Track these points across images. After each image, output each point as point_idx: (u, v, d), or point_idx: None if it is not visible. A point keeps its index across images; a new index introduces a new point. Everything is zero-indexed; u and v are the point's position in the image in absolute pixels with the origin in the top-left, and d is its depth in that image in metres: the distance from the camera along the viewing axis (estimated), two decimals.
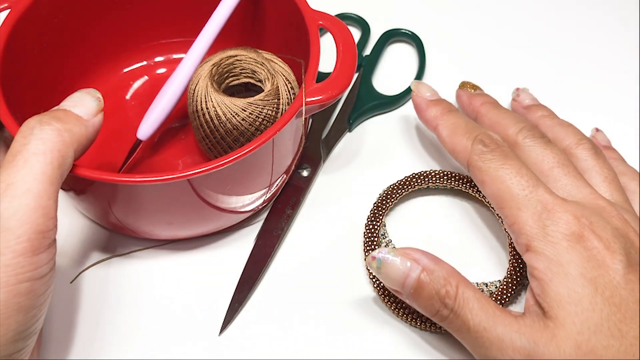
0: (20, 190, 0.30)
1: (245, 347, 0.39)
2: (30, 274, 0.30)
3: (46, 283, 0.31)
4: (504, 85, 0.52)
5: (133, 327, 0.40)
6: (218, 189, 0.38)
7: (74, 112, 0.33)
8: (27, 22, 0.40)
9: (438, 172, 0.45)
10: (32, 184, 0.30)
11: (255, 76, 0.42)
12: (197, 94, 0.40)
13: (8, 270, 0.29)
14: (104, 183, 0.35)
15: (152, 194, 0.37)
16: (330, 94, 0.39)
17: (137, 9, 0.47)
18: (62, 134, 0.32)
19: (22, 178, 0.30)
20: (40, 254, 0.30)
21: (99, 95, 0.35)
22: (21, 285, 0.30)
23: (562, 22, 0.57)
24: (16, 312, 0.30)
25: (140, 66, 0.50)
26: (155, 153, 0.46)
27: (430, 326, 0.39)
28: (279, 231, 0.43)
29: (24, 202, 0.30)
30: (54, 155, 0.31)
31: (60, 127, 0.32)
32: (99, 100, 0.35)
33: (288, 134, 0.39)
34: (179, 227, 0.41)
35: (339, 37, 0.41)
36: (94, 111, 0.34)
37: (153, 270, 0.42)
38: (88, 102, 0.34)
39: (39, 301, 0.31)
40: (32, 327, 0.32)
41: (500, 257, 0.43)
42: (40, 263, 0.30)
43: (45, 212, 0.30)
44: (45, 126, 0.31)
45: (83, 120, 0.33)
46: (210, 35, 0.43)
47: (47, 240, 0.31)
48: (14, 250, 0.29)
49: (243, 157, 0.35)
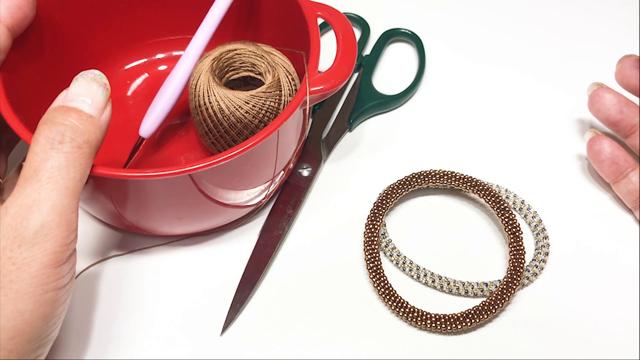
0: (46, 206, 0.30)
1: (247, 347, 0.39)
2: (54, 284, 0.31)
3: (67, 292, 0.32)
4: (504, 86, 0.53)
5: (133, 326, 0.40)
6: (227, 181, 0.38)
7: (86, 113, 0.32)
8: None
9: (438, 172, 0.45)
10: (57, 200, 0.30)
11: (255, 69, 0.42)
12: (198, 88, 0.40)
13: (34, 282, 0.30)
14: (112, 179, 0.35)
15: (161, 189, 0.37)
16: (333, 82, 0.39)
17: (137, 6, 0.47)
18: (81, 147, 0.31)
19: (47, 194, 0.30)
20: (64, 264, 0.31)
21: (105, 80, 0.34)
22: (46, 295, 0.30)
23: (563, 22, 0.57)
24: (41, 321, 0.31)
25: (140, 63, 0.50)
26: (156, 150, 0.46)
27: (431, 326, 0.39)
28: (280, 231, 0.43)
29: (50, 219, 0.30)
30: (77, 170, 0.31)
31: (79, 139, 0.31)
32: (106, 89, 0.34)
33: (292, 123, 0.40)
34: (187, 222, 0.41)
35: (338, 27, 0.41)
36: (103, 103, 0.33)
37: (153, 270, 0.42)
38: (97, 95, 0.33)
39: (60, 309, 0.32)
40: (52, 334, 0.32)
41: (500, 257, 0.43)
42: (63, 273, 0.31)
43: (69, 225, 0.31)
44: (66, 140, 0.31)
45: (96, 121, 0.33)
46: (208, 30, 0.43)
47: (69, 251, 0.31)
48: (40, 262, 0.30)
49: (257, 144, 0.35)
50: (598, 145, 0.44)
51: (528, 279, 0.42)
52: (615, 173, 0.44)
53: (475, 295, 0.41)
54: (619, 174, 0.44)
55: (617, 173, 0.44)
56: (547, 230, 0.44)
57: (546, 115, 0.51)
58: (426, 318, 0.40)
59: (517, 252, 0.41)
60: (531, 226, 0.44)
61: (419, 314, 0.40)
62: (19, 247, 0.30)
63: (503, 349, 0.39)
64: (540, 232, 0.44)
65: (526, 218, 0.45)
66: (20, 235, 0.30)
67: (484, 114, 0.51)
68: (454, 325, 0.39)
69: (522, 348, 0.39)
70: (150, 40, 0.50)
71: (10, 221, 0.30)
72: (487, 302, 0.40)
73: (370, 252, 0.42)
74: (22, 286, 0.30)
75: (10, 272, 0.29)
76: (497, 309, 0.40)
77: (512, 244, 0.42)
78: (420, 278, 0.42)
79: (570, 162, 0.48)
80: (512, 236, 0.42)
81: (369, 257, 0.42)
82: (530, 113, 0.51)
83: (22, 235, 0.30)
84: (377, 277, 0.41)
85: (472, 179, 0.44)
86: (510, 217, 0.43)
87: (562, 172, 0.47)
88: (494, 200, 0.43)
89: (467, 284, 0.41)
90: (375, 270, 0.41)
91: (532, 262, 0.42)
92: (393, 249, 0.43)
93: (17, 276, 0.29)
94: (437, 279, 0.42)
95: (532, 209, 0.45)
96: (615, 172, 0.44)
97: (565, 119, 0.50)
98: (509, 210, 0.43)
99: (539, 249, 0.43)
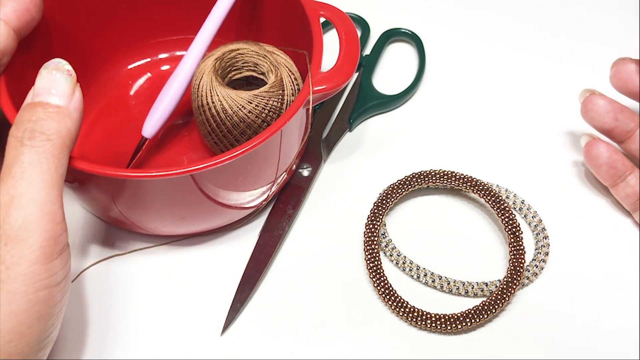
0: (24, 201, 0.30)
1: (247, 347, 0.39)
2: (46, 281, 0.30)
3: (62, 290, 0.32)
4: (504, 86, 0.53)
5: (134, 326, 0.40)
6: (230, 181, 0.38)
7: (52, 104, 0.32)
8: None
9: (438, 172, 0.45)
10: (35, 194, 0.30)
11: (258, 69, 0.42)
12: (201, 88, 0.41)
13: (25, 279, 0.29)
14: (115, 179, 0.35)
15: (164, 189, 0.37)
16: (336, 82, 0.39)
17: (140, 6, 0.47)
18: (51, 139, 0.31)
19: (24, 189, 0.30)
20: (54, 260, 0.31)
21: (67, 66, 0.33)
22: (39, 294, 0.30)
23: (564, 25, 0.57)
24: (37, 321, 0.30)
25: (143, 63, 0.50)
26: (159, 151, 0.46)
27: (431, 326, 0.40)
28: (280, 231, 0.43)
29: (30, 212, 0.30)
30: (50, 161, 0.31)
31: (47, 131, 0.31)
32: (70, 75, 0.33)
33: (295, 123, 0.40)
34: (190, 222, 0.41)
35: (341, 26, 0.42)
36: (69, 90, 0.33)
37: (153, 270, 0.42)
38: (61, 83, 0.32)
39: (56, 309, 0.32)
40: (51, 336, 0.32)
41: (500, 257, 0.43)
42: (55, 270, 0.31)
43: (52, 217, 0.30)
44: (35, 136, 0.31)
45: (64, 110, 0.32)
46: (210, 30, 0.43)
47: (59, 246, 0.31)
48: (28, 259, 0.29)
49: (261, 143, 0.35)
50: (595, 149, 0.44)
51: (528, 279, 0.42)
52: (613, 177, 0.44)
53: (475, 295, 0.41)
54: (617, 177, 0.44)
55: (615, 177, 0.44)
56: (547, 230, 0.44)
57: (546, 115, 0.51)
58: (426, 318, 0.40)
59: (517, 252, 0.42)
60: (531, 226, 0.44)
61: (419, 314, 0.40)
62: (6, 245, 0.29)
63: (503, 349, 0.39)
64: (540, 232, 0.44)
65: (526, 218, 0.45)
66: (4, 234, 0.29)
67: (484, 114, 0.51)
68: (454, 325, 0.39)
69: (522, 348, 0.39)
70: (153, 40, 0.50)
71: None
72: (487, 302, 0.40)
73: (370, 252, 0.42)
74: (13, 286, 0.29)
75: (0, 272, 0.29)
76: (497, 309, 0.40)
77: (512, 244, 0.42)
78: (420, 278, 0.42)
79: (571, 162, 0.48)
80: (512, 236, 0.42)
81: (369, 257, 0.42)
82: (531, 113, 0.51)
83: (6, 233, 0.29)
84: (377, 277, 0.41)
85: (472, 179, 0.45)
86: (510, 217, 0.43)
87: (562, 172, 0.48)
88: (494, 200, 0.44)
89: (467, 284, 0.41)
90: (375, 270, 0.41)
91: (532, 262, 0.42)
92: (393, 249, 0.43)
93: (7, 276, 0.29)
94: (437, 279, 0.42)
95: (532, 209, 0.45)
96: (614, 176, 0.44)
97: (565, 119, 0.50)
98: (509, 210, 0.43)
99: (539, 249, 0.43)
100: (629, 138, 0.44)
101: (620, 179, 0.44)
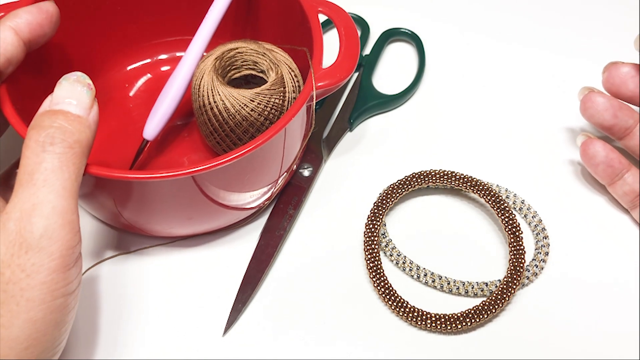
0: (46, 209, 0.30)
1: (249, 348, 0.39)
2: (63, 290, 0.30)
3: (75, 298, 0.32)
4: (504, 86, 0.53)
5: (135, 327, 0.40)
6: (233, 181, 0.38)
7: (73, 114, 0.32)
8: None
9: (438, 171, 0.45)
10: (56, 202, 0.30)
11: (257, 67, 0.43)
12: (202, 88, 0.41)
13: (44, 288, 0.30)
14: (118, 181, 0.35)
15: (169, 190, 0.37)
16: (338, 77, 0.39)
17: (139, 7, 0.47)
18: (73, 147, 0.31)
19: (45, 197, 0.30)
20: (71, 269, 0.31)
21: (88, 80, 0.34)
22: (56, 302, 0.30)
23: (564, 23, 0.57)
24: (53, 328, 0.30)
25: (143, 64, 0.50)
26: (159, 152, 0.46)
27: (431, 326, 0.40)
28: (282, 231, 0.44)
29: (52, 221, 0.30)
30: (71, 170, 0.31)
31: (69, 139, 0.31)
32: (90, 88, 0.34)
33: (298, 120, 0.40)
34: (193, 223, 0.41)
35: (340, 22, 0.42)
36: (89, 103, 0.33)
37: (155, 271, 0.42)
38: (82, 95, 0.33)
39: (70, 316, 0.32)
40: (62, 342, 0.32)
41: (500, 257, 0.43)
42: (71, 278, 0.31)
43: (72, 227, 0.31)
44: (57, 142, 0.31)
45: (84, 120, 0.33)
46: (208, 29, 0.43)
47: (75, 255, 0.31)
48: (48, 267, 0.30)
49: (268, 140, 0.35)
50: (592, 149, 0.44)
51: (528, 279, 0.42)
52: (610, 176, 0.44)
53: (475, 295, 0.42)
54: (615, 176, 0.44)
55: (612, 176, 0.44)
56: (547, 230, 0.44)
57: (546, 115, 0.51)
58: (426, 318, 0.40)
59: (517, 252, 0.42)
60: (531, 226, 0.44)
61: (419, 313, 0.40)
62: (26, 253, 0.29)
63: (503, 349, 0.39)
64: (540, 232, 0.44)
65: (526, 218, 0.45)
66: (26, 241, 0.29)
67: (484, 114, 0.51)
68: (454, 325, 0.40)
69: (522, 348, 0.40)
70: (152, 41, 0.50)
71: (14, 227, 0.29)
72: (487, 302, 0.40)
73: (370, 252, 0.42)
74: (32, 294, 0.29)
75: (20, 279, 0.29)
76: (497, 309, 0.40)
77: (512, 244, 0.42)
78: (420, 278, 0.42)
79: (571, 162, 0.48)
80: (512, 236, 0.42)
81: (369, 257, 0.42)
82: (530, 113, 0.51)
83: (27, 241, 0.29)
84: (377, 277, 0.41)
85: (472, 179, 0.45)
86: (510, 217, 0.43)
87: (562, 172, 0.48)
88: (494, 200, 0.44)
89: (467, 284, 0.42)
90: (375, 270, 0.42)
91: (532, 262, 0.43)
92: (393, 249, 0.43)
93: (27, 284, 0.29)
94: (437, 278, 0.42)
95: (532, 209, 0.45)
96: (611, 175, 0.44)
97: (565, 118, 0.50)
98: (509, 210, 0.43)
99: (539, 249, 0.43)
100: (628, 134, 0.44)
101: (618, 177, 0.44)
